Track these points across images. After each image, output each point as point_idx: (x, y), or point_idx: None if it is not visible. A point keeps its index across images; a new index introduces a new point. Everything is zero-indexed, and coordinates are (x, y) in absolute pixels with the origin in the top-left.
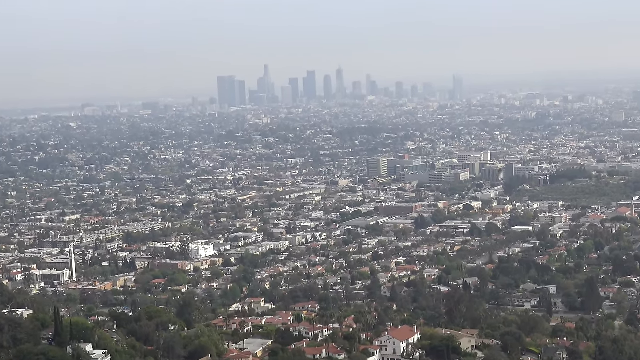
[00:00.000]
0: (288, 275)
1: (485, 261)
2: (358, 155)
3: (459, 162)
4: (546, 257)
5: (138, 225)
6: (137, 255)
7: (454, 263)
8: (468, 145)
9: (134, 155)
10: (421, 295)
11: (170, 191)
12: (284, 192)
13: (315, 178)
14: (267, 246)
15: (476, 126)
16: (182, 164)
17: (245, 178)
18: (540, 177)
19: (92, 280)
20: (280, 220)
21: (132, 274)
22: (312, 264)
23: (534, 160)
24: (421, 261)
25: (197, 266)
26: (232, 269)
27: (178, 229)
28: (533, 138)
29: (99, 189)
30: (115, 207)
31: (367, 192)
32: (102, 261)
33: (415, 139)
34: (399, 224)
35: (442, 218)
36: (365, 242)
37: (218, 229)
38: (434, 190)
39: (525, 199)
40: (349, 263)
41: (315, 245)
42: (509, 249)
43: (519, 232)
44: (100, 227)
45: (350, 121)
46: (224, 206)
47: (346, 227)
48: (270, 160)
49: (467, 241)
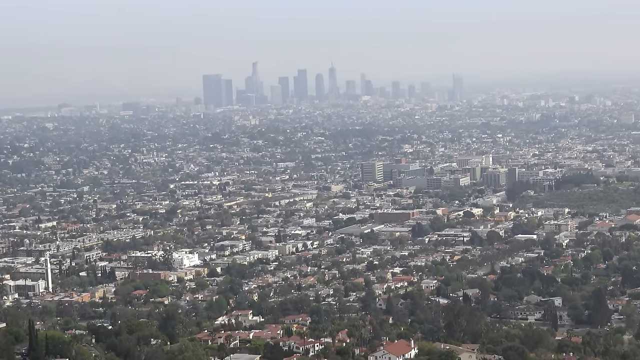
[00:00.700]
0: (277, 287)
1: (486, 272)
2: (352, 159)
3: (458, 167)
4: (551, 268)
5: (118, 233)
6: (117, 265)
7: (454, 273)
8: (468, 148)
9: (114, 158)
10: (419, 308)
11: (152, 197)
12: (273, 198)
13: (306, 183)
14: (256, 255)
15: (477, 128)
16: (165, 168)
17: (232, 183)
18: (545, 182)
19: (69, 292)
20: (269, 228)
21: (112, 284)
22: (303, 275)
23: (539, 165)
24: (419, 271)
25: (181, 276)
26: (218, 280)
27: (160, 237)
28: (537, 141)
29: (76, 194)
30: (93, 213)
31: (361, 198)
32: (79, 271)
33: (413, 142)
34: (395, 232)
35: (441, 226)
36: (360, 251)
37: (203, 237)
38: (432, 196)
39: (529, 206)
40: (342, 273)
41: (307, 255)
42: (511, 258)
43: (522, 240)
44: (78, 235)
45: (344, 123)
46: (209, 213)
47: (339, 235)
48: (259, 164)
49: (467, 250)
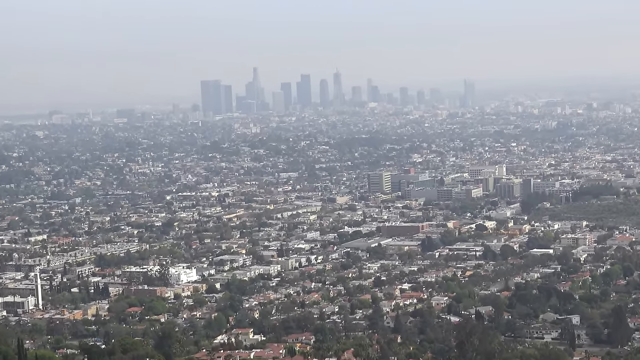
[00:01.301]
0: (280, 303)
1: (500, 288)
2: (358, 169)
3: (470, 177)
4: (568, 284)
5: (112, 247)
6: (111, 280)
7: (465, 290)
8: (481, 158)
9: (108, 168)
10: (428, 326)
11: (147, 209)
12: (275, 210)
13: (310, 194)
14: (257, 270)
15: (490, 137)
16: (161, 178)
17: (232, 194)
18: (562, 194)
19: (60, 309)
20: (271, 242)
21: (105, 301)
22: (307, 291)
23: (555, 175)
24: (428, 288)
25: (178, 293)
26: (217, 296)
27: (156, 251)
28: (554, 150)
29: (68, 206)
30: (86, 226)
31: (368, 210)
32: (71, 287)
33: (422, 151)
34: (403, 246)
35: (452, 239)
36: (366, 266)
37: (201, 252)
38: (442, 209)
39: (545, 219)
40: (348, 290)
41: (310, 270)
42: (526, 274)
43: (537, 255)
44: (70, 249)
45: (350, 131)
46: (208, 226)
47: (345, 249)
48: (260, 175)
49: (479, 265)
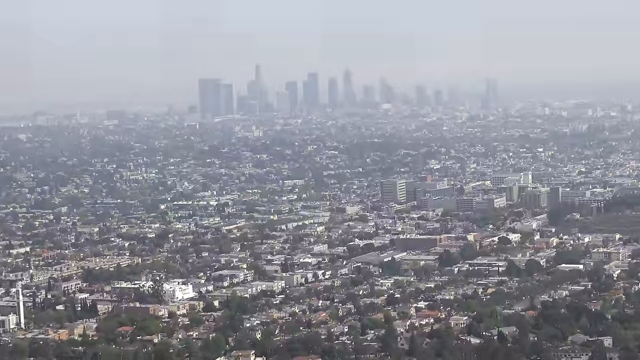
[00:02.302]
0: (284, 323)
1: (525, 307)
2: (370, 177)
3: (493, 186)
4: (600, 303)
5: (101, 260)
6: (100, 297)
7: (487, 309)
8: (504, 164)
9: (97, 174)
10: (447, 348)
11: (140, 219)
12: (279, 221)
13: (317, 204)
14: (259, 287)
15: (514, 141)
16: (154, 185)
17: (232, 203)
18: (593, 204)
19: (44, 328)
20: (274, 256)
21: (93, 320)
22: (314, 309)
23: (586, 184)
24: (447, 306)
25: (173, 311)
26: (215, 315)
27: (149, 265)
28: (584, 156)
29: (53, 215)
30: (73, 238)
31: (380, 221)
32: (56, 304)
33: (440, 157)
34: (419, 261)
35: (473, 254)
36: (379, 282)
37: (198, 266)
38: (462, 220)
39: (574, 231)
40: (359, 308)
41: (318, 286)
42: (554, 292)
43: (566, 271)
44: (55, 263)
45: (361, 134)
46: (205, 238)
47: (355, 264)
48: (263, 182)
49: (502, 282)
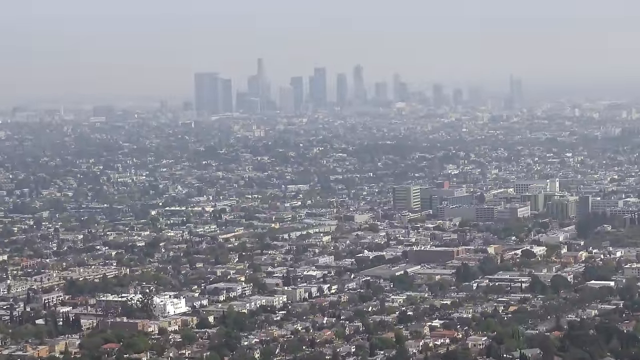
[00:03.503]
0: (285, 342)
1: (550, 327)
2: (381, 182)
3: (516, 193)
4: (632, 323)
5: (85, 270)
6: (83, 311)
7: (508, 329)
8: (529, 170)
9: (81, 176)
10: None
11: (128, 226)
12: (281, 230)
13: (323, 211)
14: (258, 302)
15: (540, 145)
16: (145, 189)
17: (230, 210)
18: (626, 214)
19: (22, 344)
20: (275, 268)
21: (76, 336)
22: (318, 327)
23: (618, 193)
24: (464, 325)
25: (164, 327)
26: (210, 332)
27: (138, 276)
28: (617, 162)
29: (33, 221)
30: (54, 245)
31: (392, 231)
32: (36, 318)
33: (459, 161)
34: (434, 275)
35: (493, 268)
36: (390, 298)
37: (192, 278)
38: (482, 231)
39: (605, 244)
40: (367, 326)
41: (323, 302)
42: (582, 310)
43: (596, 288)
44: (35, 273)
45: (372, 136)
46: (200, 247)
47: (364, 277)
48: (264, 187)
49: (526, 300)
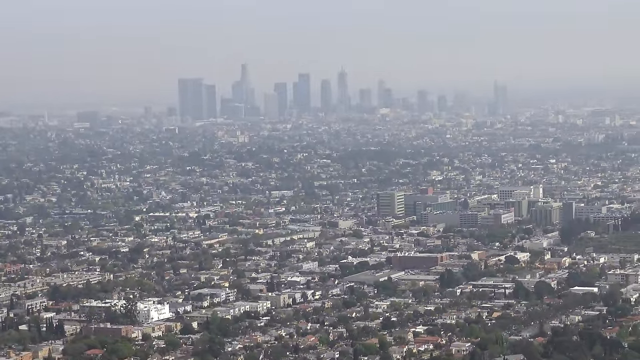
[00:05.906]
0: (269, 347)
1: (533, 333)
2: (365, 188)
3: (500, 200)
4: (616, 329)
5: (68, 276)
6: (67, 316)
7: (492, 335)
8: (513, 176)
9: (65, 182)
10: None
11: (112, 231)
12: (265, 236)
13: (307, 217)
14: (242, 308)
15: (524, 151)
16: (129, 195)
17: (214, 216)
18: (610, 221)
19: (5, 350)
20: (259, 274)
21: (60, 342)
22: (302, 333)
23: (602, 199)
24: (448, 331)
25: (147, 333)
26: (193, 338)
27: (122, 282)
28: (600, 169)
29: (16, 226)
30: (38, 251)
31: (376, 237)
32: (19, 324)
33: (443, 168)
34: (418, 281)
35: (477, 274)
36: (373, 304)
37: (176, 284)
38: (466, 237)
39: (588, 250)
40: (351, 332)
41: (306, 308)
42: (565, 317)
43: (579, 294)
44: (18, 278)
45: (356, 142)
46: (184, 253)
47: (348, 283)
48: (248, 193)
49: (509, 306)
